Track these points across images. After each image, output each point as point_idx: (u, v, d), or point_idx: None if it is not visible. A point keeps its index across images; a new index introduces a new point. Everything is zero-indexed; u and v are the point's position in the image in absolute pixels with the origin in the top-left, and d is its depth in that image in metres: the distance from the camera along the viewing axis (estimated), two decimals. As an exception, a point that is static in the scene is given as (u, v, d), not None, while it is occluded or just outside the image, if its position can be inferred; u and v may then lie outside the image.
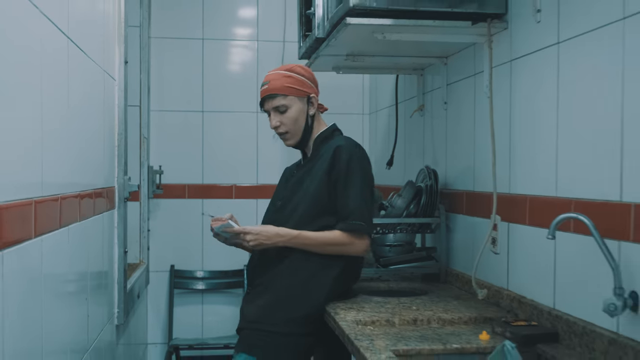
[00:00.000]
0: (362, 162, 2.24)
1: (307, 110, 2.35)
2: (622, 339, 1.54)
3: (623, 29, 1.55)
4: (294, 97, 2.32)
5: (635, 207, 1.51)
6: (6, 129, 1.28)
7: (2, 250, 1.25)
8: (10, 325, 1.33)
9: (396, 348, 1.73)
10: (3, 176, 1.28)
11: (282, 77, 2.33)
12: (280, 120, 2.34)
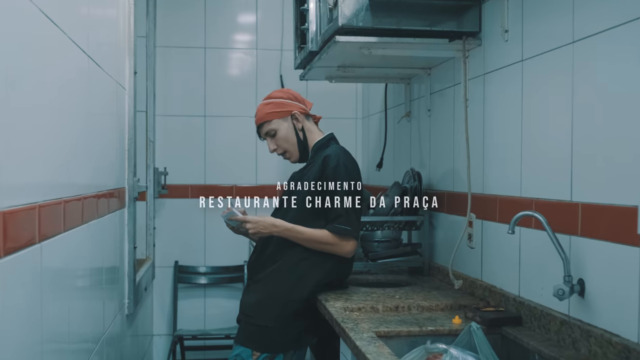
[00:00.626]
0: (349, 169, 2.46)
1: (295, 126, 2.59)
2: (572, 320, 1.77)
3: (572, 50, 1.79)
4: (278, 120, 2.57)
5: (582, 206, 1.75)
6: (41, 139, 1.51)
7: (41, 242, 1.49)
8: (48, 313, 1.56)
9: (378, 330, 1.97)
10: (41, 179, 1.51)
11: (263, 106, 2.61)
12: (275, 143, 2.60)
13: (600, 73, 1.67)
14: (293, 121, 2.59)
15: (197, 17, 4.22)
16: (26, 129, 1.38)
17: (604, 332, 1.63)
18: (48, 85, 1.57)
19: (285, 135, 2.58)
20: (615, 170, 1.61)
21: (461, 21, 2.43)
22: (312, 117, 2.69)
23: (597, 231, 1.69)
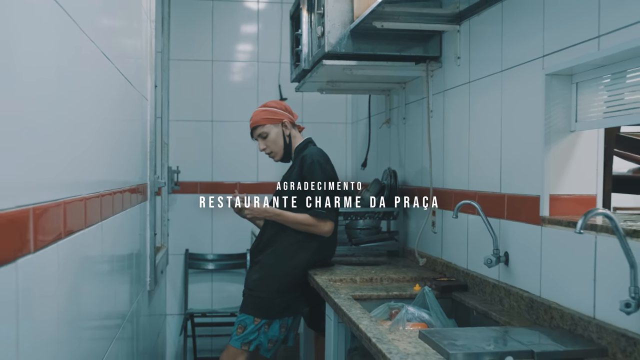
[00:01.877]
0: (322, 165, 3.00)
1: (283, 132, 3.13)
2: (500, 283, 2.32)
3: (501, 77, 2.34)
4: (270, 125, 3.11)
5: (507, 197, 2.29)
6: (90, 144, 2.04)
7: (84, 229, 1.99)
8: (86, 293, 2.02)
9: (354, 294, 2.51)
10: (87, 176, 2.02)
11: (260, 112, 3.15)
12: (264, 144, 3.14)
13: (514, 92, 2.21)
14: (282, 128, 3.13)
15: (205, 33, 4.76)
16: (80, 137, 1.89)
17: (519, 290, 2.18)
18: (104, 101, 2.11)
19: (275, 139, 3.13)
20: (526, 168, 2.15)
21: (426, 47, 2.97)
22: (297, 127, 3.23)
23: (517, 215, 2.23)
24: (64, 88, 1.53)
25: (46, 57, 1.36)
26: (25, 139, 1.20)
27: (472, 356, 1.64)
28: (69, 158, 1.59)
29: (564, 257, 1.92)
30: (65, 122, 1.55)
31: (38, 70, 1.30)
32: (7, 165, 1.08)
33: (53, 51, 1.42)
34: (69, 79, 1.58)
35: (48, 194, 1.36)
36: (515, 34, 2.25)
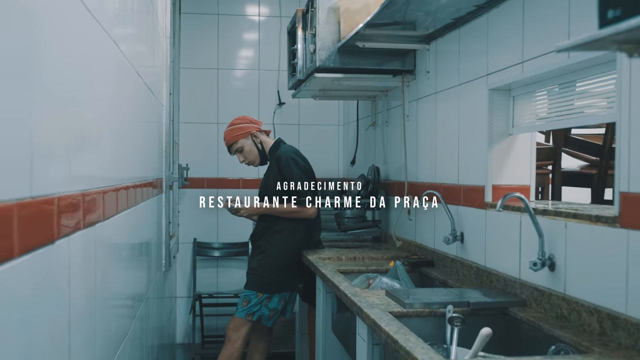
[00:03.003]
0: (296, 160, 3.52)
1: (254, 141, 3.65)
2: (457, 258, 2.84)
3: (459, 89, 2.86)
4: (242, 139, 3.63)
5: (463, 187, 2.81)
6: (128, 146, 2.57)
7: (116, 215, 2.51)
8: (122, 275, 2.52)
9: (339, 268, 3.04)
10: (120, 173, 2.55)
11: (229, 132, 3.67)
12: (242, 156, 3.67)
13: (468, 102, 2.74)
14: (253, 138, 3.65)
15: (211, 44, 5.28)
16: (123, 141, 2.43)
17: (470, 262, 2.71)
18: (138, 110, 2.63)
19: (250, 149, 3.65)
20: (476, 164, 2.68)
21: (402, 62, 3.50)
22: (264, 132, 3.75)
23: (470, 202, 2.76)
24: (115, 102, 2.05)
25: (108, 82, 1.89)
26: (93, 143, 1.72)
27: (422, 304, 2.17)
28: (113, 156, 2.11)
29: (501, 233, 2.45)
30: (116, 130, 2.08)
31: (104, 89, 1.82)
32: (80, 161, 1.59)
33: (112, 79, 1.94)
34: (119, 97, 2.11)
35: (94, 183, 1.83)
36: (468, 55, 2.78)
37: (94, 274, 1.68)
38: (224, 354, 3.52)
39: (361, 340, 2.28)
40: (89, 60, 1.57)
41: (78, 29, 1.43)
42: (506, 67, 2.43)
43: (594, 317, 1.81)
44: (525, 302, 2.19)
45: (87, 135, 1.59)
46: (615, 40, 1.02)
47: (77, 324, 1.44)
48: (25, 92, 1.03)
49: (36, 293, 1.08)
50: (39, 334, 1.11)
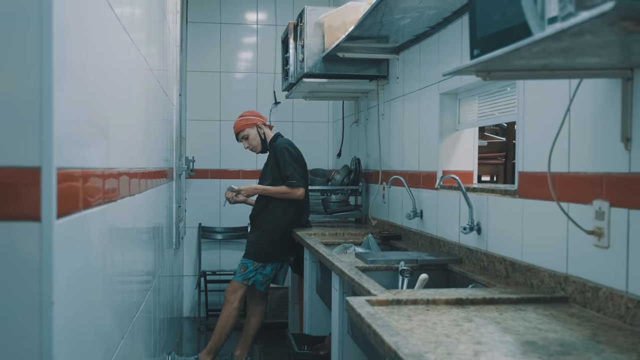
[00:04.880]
0: (289, 150, 4.18)
1: (258, 132, 4.30)
2: (418, 231, 3.48)
3: (420, 93, 3.49)
4: (249, 128, 4.28)
5: (422, 173, 3.45)
6: (142, 137, 3.20)
7: (134, 195, 3.16)
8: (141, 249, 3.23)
9: (322, 241, 3.67)
10: (146, 160, 3.18)
11: (239, 121, 4.34)
12: (247, 143, 4.32)
13: (426, 104, 3.37)
14: (257, 129, 4.30)
15: (214, 50, 5.91)
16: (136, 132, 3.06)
17: (426, 233, 3.34)
18: (156, 109, 3.26)
19: (254, 137, 4.30)
20: (431, 154, 3.31)
21: (378, 69, 4.13)
22: (268, 126, 4.39)
23: (427, 185, 3.39)
24: (143, 104, 2.69)
25: (138, 88, 2.52)
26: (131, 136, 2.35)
27: (380, 261, 2.80)
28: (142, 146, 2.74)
29: (446, 208, 3.08)
30: (145, 126, 2.71)
31: (137, 94, 2.46)
32: (120, 149, 2.23)
33: (142, 85, 2.58)
34: (144, 100, 2.74)
35: (135, 164, 2.50)
36: (426, 64, 3.41)
37: (131, 234, 2.31)
38: (223, 314, 4.16)
39: (334, 291, 2.92)
40: (128, 71, 2.20)
41: (122, 46, 2.07)
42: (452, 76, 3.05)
43: (502, 265, 2.44)
44: (461, 259, 2.83)
45: (128, 127, 2.23)
46: (473, 69, 1.65)
47: (110, 278, 2.05)
48: (108, 111, 1.67)
49: (101, 238, 1.72)
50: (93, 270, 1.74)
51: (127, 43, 2.08)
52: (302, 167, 4.23)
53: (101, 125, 1.62)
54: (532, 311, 1.87)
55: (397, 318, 1.75)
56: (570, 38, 1.21)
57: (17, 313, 1.10)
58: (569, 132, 2.00)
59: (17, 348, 1.10)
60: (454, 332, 1.61)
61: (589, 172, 1.90)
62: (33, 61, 1.10)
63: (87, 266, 1.44)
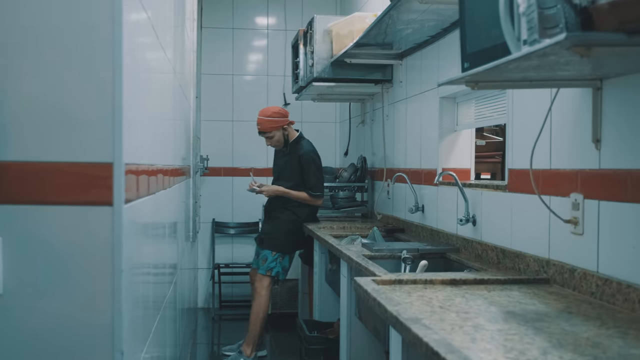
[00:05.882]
0: (315, 160, 4.48)
1: (283, 133, 4.58)
2: (420, 224, 3.76)
3: (421, 96, 3.77)
4: (274, 130, 4.55)
5: (423, 170, 3.72)
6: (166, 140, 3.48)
7: (166, 189, 3.45)
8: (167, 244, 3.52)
9: (332, 233, 3.96)
10: (172, 158, 3.47)
11: (267, 121, 4.56)
12: (270, 142, 4.59)
13: (427, 106, 3.65)
14: (282, 131, 4.58)
15: (227, 54, 6.21)
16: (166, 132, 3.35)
17: (427, 226, 3.62)
18: (176, 110, 3.55)
19: (278, 139, 4.58)
20: (432, 153, 3.59)
21: (383, 73, 4.41)
22: (291, 122, 4.68)
23: (428, 181, 3.67)
24: (171, 107, 2.98)
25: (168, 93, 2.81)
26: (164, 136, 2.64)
27: (384, 250, 3.08)
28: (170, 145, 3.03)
29: (445, 202, 3.36)
30: (172, 126, 3.00)
31: (167, 98, 2.74)
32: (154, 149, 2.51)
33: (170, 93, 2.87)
34: (172, 102, 3.03)
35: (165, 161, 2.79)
36: (427, 70, 3.69)
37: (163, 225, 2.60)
38: (254, 305, 4.45)
39: (343, 277, 3.21)
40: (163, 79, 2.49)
41: (160, 59, 2.36)
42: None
43: (494, 252, 2.72)
44: (458, 249, 3.11)
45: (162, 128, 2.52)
46: (463, 80, 1.93)
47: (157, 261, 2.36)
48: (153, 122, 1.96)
49: (153, 217, 2.01)
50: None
51: (162, 57, 2.37)
52: (322, 176, 4.53)
53: (148, 127, 1.91)
54: (516, 290, 2.15)
55: (398, 294, 2.03)
56: (538, 58, 1.49)
57: (96, 277, 1.39)
58: (550, 134, 2.28)
59: (95, 304, 1.39)
60: (447, 304, 1.89)
61: (567, 168, 2.18)
62: (108, 83, 1.39)
63: (139, 247, 1.73)
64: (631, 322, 1.70)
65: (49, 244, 1.39)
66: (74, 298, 1.39)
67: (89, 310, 1.39)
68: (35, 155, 1.38)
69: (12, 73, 1.38)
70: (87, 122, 1.39)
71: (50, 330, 1.39)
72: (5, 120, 1.37)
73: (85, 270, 1.39)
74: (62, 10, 1.39)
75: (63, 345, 1.39)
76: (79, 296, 1.39)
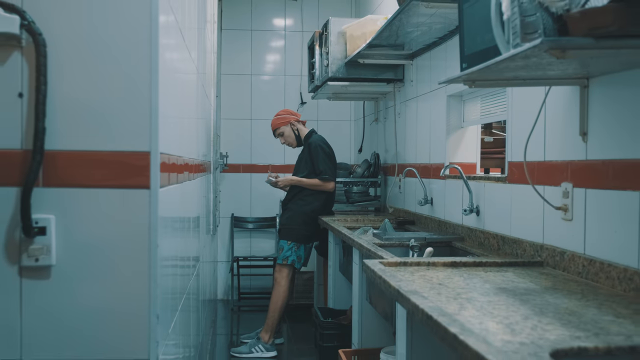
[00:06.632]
0: (323, 147, 4.71)
1: (292, 129, 4.81)
2: (429, 216, 3.95)
3: (430, 95, 3.96)
4: (284, 126, 4.79)
5: (432, 165, 3.92)
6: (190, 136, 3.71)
7: (191, 181, 3.67)
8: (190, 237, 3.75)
9: (345, 225, 4.17)
10: (196, 153, 3.69)
11: (275, 120, 4.87)
12: (283, 139, 4.84)
13: (435, 104, 3.85)
14: (291, 126, 4.81)
15: (246, 55, 6.44)
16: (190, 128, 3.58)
17: (436, 217, 3.81)
18: (198, 110, 3.78)
19: (289, 134, 4.82)
20: (439, 148, 3.78)
21: (395, 73, 4.61)
22: (301, 122, 4.90)
23: (436, 175, 3.86)
24: (195, 105, 3.20)
25: (192, 92, 3.03)
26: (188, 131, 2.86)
27: (394, 239, 3.29)
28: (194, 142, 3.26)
29: (452, 195, 3.56)
30: (195, 123, 3.22)
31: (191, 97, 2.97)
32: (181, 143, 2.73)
33: (194, 93, 3.09)
34: (195, 101, 3.26)
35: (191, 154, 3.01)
36: (435, 70, 3.89)
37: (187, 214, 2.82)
38: (274, 294, 4.68)
39: (355, 265, 3.42)
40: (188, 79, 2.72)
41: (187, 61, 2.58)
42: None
43: (495, 240, 2.92)
44: (463, 238, 3.30)
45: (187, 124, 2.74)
46: (461, 79, 2.13)
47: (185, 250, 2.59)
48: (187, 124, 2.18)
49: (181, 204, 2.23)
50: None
51: (187, 57, 2.60)
52: (333, 162, 4.75)
53: (176, 123, 2.13)
54: (511, 271, 2.35)
55: (402, 274, 2.24)
56: (522, 59, 1.69)
57: (136, 250, 1.61)
58: (544, 128, 2.47)
59: (135, 273, 1.62)
60: (446, 282, 2.10)
61: (558, 160, 2.37)
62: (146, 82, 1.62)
63: (171, 228, 1.95)
64: (609, 296, 1.89)
65: (94, 222, 1.61)
66: (116, 267, 1.61)
67: (129, 278, 1.62)
68: (83, 144, 1.61)
69: (63, 74, 1.60)
70: (127, 116, 1.61)
71: (95, 295, 1.61)
72: (56, 115, 1.60)
73: (126, 244, 1.61)
74: (107, 20, 1.61)
75: (107, 308, 1.61)
76: (121, 266, 1.61)
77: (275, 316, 4.70)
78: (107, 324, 1.62)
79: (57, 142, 1.60)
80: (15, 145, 1.58)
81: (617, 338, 1.44)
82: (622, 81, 1.98)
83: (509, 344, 1.38)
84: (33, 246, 1.58)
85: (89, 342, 1.62)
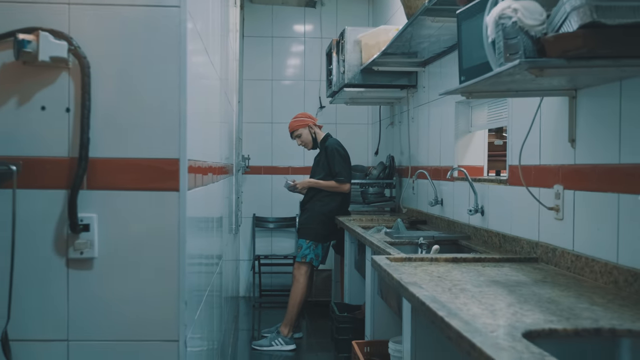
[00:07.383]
0: (339, 150, 4.94)
1: (310, 131, 5.05)
2: (439, 216, 4.16)
3: (440, 101, 4.17)
4: (301, 128, 5.03)
5: (442, 168, 4.12)
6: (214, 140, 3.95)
7: (214, 183, 3.92)
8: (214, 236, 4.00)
9: (361, 225, 4.39)
10: (220, 156, 3.94)
11: (293, 122, 5.12)
12: (300, 140, 5.09)
13: (445, 110, 4.05)
14: (309, 129, 5.05)
15: (267, 61, 6.69)
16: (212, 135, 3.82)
17: (445, 217, 4.02)
18: (221, 115, 4.02)
19: (306, 136, 5.06)
20: (448, 151, 3.99)
21: (408, 79, 4.82)
22: (318, 126, 5.13)
23: (446, 177, 4.06)
24: (218, 111, 3.44)
25: (215, 99, 3.28)
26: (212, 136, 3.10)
27: (404, 237, 3.50)
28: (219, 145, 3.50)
29: (460, 196, 3.76)
30: (218, 128, 3.47)
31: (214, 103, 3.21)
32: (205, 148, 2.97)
33: (217, 99, 3.33)
34: (217, 107, 3.50)
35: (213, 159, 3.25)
36: (445, 77, 4.09)
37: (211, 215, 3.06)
38: (293, 290, 4.92)
39: (367, 261, 3.64)
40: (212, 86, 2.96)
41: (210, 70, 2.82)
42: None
43: (497, 238, 3.12)
44: (469, 236, 3.51)
45: (211, 129, 2.99)
46: (459, 91, 2.35)
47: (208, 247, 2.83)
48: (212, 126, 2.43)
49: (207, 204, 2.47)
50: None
51: (212, 70, 2.84)
52: (348, 165, 4.98)
53: (201, 130, 2.38)
54: (507, 266, 2.55)
55: (406, 268, 2.46)
56: (507, 76, 1.90)
57: (167, 246, 1.85)
58: (540, 134, 2.67)
59: (166, 264, 1.86)
60: (444, 275, 2.31)
61: (551, 164, 2.57)
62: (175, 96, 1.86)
63: (197, 228, 2.19)
64: (590, 288, 2.10)
65: (131, 220, 1.86)
66: (149, 260, 1.85)
67: (161, 269, 1.86)
68: (121, 152, 1.85)
69: (104, 91, 1.85)
70: (159, 127, 1.85)
71: (131, 283, 1.86)
72: (98, 126, 1.84)
73: (158, 239, 1.85)
74: (140, 43, 1.85)
75: (141, 295, 1.86)
76: (154, 258, 1.86)
77: (294, 311, 4.94)
78: (142, 309, 1.86)
79: (99, 151, 1.84)
80: (63, 154, 1.84)
81: (586, 322, 1.65)
82: (604, 93, 2.18)
83: (488, 325, 1.59)
84: (78, 241, 1.83)
85: (126, 325, 1.86)
